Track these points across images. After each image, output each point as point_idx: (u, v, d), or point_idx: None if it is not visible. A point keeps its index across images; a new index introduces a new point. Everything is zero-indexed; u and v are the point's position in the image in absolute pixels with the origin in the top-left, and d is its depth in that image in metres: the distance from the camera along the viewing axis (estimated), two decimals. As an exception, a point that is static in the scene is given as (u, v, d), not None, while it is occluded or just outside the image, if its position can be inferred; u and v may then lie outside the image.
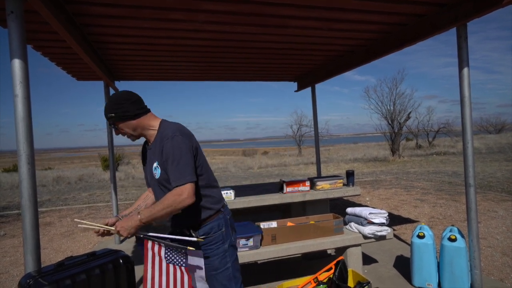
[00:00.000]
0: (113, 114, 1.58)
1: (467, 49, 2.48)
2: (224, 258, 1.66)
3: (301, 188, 3.34)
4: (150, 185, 1.74)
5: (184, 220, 1.67)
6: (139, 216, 1.51)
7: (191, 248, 1.49)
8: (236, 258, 1.73)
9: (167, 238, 1.60)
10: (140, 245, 1.57)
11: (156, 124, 1.65)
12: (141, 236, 1.57)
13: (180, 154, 1.50)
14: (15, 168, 19.28)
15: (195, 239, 1.56)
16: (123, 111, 1.58)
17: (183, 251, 1.50)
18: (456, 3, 2.48)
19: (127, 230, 1.51)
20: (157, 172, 1.59)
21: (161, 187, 1.62)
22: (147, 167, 1.71)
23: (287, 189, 3.30)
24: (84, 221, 1.62)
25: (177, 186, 1.47)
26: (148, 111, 1.67)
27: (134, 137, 1.68)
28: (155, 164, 1.60)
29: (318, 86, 5.35)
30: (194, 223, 1.65)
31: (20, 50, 1.62)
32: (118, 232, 1.52)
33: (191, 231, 1.66)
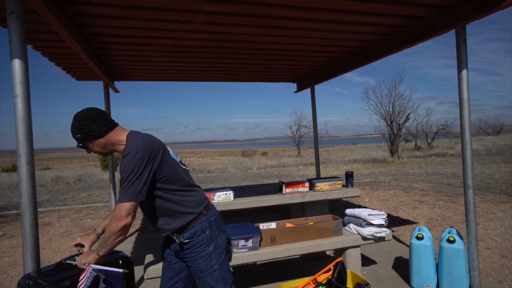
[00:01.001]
0: (79, 135, 1.57)
1: (466, 51, 2.49)
2: (210, 261, 1.66)
3: (300, 189, 3.34)
4: None
5: (168, 227, 1.67)
6: (95, 251, 1.57)
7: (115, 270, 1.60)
8: (225, 259, 1.73)
9: (105, 270, 1.60)
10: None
11: (124, 138, 1.60)
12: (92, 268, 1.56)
13: (128, 173, 1.46)
14: (14, 168, 19.24)
15: (121, 270, 1.63)
16: (88, 131, 1.56)
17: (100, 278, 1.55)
18: (455, 5, 2.49)
19: (85, 265, 1.55)
20: None
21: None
22: None
23: (286, 190, 3.30)
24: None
25: (118, 204, 1.48)
26: (115, 125, 1.64)
27: (104, 155, 1.68)
28: None
29: (317, 87, 5.36)
30: (178, 229, 1.65)
31: (20, 50, 1.63)
32: (78, 266, 1.57)
33: (175, 235, 1.68)
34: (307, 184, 3.37)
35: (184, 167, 1.74)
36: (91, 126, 1.56)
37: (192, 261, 1.68)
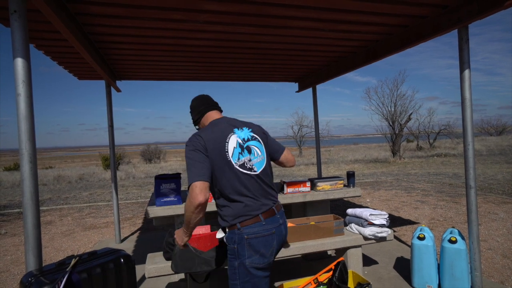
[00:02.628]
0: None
1: (468, 50, 2.48)
2: (234, 274, 1.60)
3: (302, 188, 3.34)
4: None
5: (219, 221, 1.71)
6: (183, 227, 1.63)
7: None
8: (249, 282, 1.56)
9: None
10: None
11: (207, 124, 1.76)
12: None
13: (187, 160, 1.56)
14: (16, 167, 19.30)
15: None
16: (192, 118, 1.84)
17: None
18: (458, 5, 2.48)
19: (178, 240, 1.69)
20: None
21: None
22: None
23: (287, 189, 3.30)
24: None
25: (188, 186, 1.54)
26: (206, 111, 1.78)
27: None
28: None
29: (319, 87, 5.38)
30: (222, 227, 1.70)
31: (22, 49, 1.63)
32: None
33: (221, 229, 1.74)
34: (308, 184, 3.37)
35: (244, 171, 1.62)
36: (192, 115, 1.83)
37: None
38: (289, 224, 2.95)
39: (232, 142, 1.63)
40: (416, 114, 19.23)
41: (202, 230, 2.51)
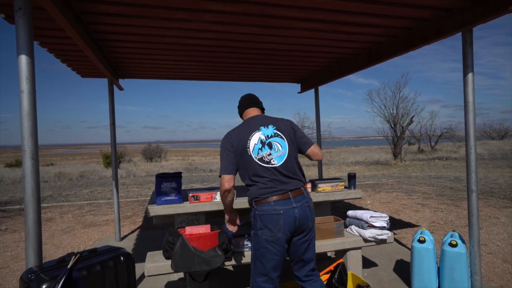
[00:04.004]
0: None
1: (472, 54, 2.47)
2: (251, 241, 2.01)
3: None
4: None
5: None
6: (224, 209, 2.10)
7: None
8: (259, 250, 1.91)
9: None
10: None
11: (244, 120, 2.13)
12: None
13: (221, 149, 1.98)
14: (17, 163, 19.36)
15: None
16: (238, 112, 2.21)
17: None
18: (462, 8, 2.48)
19: (226, 222, 2.19)
20: None
21: None
22: None
23: None
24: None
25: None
26: (246, 108, 2.14)
27: None
28: None
29: (321, 88, 5.35)
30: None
31: (27, 46, 1.63)
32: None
33: None
34: (309, 185, 3.37)
35: (262, 164, 1.94)
36: (238, 110, 2.20)
37: None
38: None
39: (254, 139, 1.97)
40: (418, 117, 19.24)
41: (202, 229, 2.52)
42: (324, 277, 2.54)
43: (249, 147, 1.94)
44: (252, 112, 2.12)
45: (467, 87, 2.48)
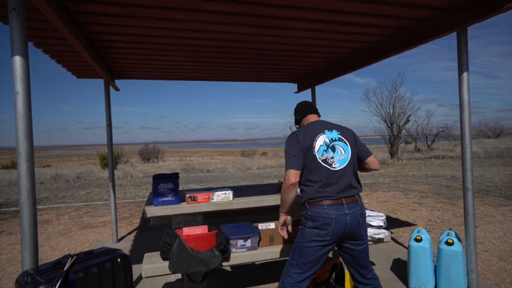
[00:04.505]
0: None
1: (467, 53, 2.49)
2: (298, 236, 2.04)
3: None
4: None
5: None
6: (279, 210, 2.10)
7: None
8: (301, 244, 1.99)
9: None
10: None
11: (304, 125, 2.20)
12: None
13: (287, 149, 2.04)
14: (13, 165, 19.23)
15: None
16: (295, 118, 2.32)
17: None
18: (458, 7, 2.49)
19: (280, 220, 2.13)
20: None
21: None
22: None
23: None
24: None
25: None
26: (308, 114, 2.24)
27: None
28: None
29: (318, 88, 5.36)
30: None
31: (21, 47, 1.62)
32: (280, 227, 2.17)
33: None
34: None
35: (325, 164, 2.00)
36: (295, 115, 2.31)
37: None
38: (287, 225, 2.95)
39: (320, 140, 2.03)
40: (414, 116, 19.31)
41: (199, 230, 2.51)
42: (322, 277, 2.55)
43: (314, 147, 2.01)
44: (313, 117, 2.23)
45: (462, 86, 2.49)
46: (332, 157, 2.00)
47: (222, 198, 3.05)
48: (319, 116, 2.29)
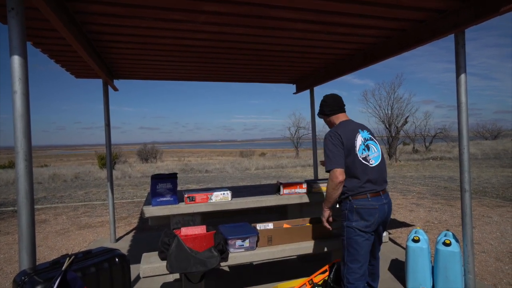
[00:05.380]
0: (319, 109, 2.44)
1: (464, 55, 2.50)
2: (342, 231, 2.21)
3: (298, 190, 3.35)
4: None
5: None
6: (323, 205, 2.26)
7: None
8: (352, 239, 2.14)
9: None
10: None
11: (337, 123, 2.34)
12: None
13: (326, 149, 2.17)
14: (10, 165, 19.16)
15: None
16: (321, 109, 2.41)
17: None
18: (455, 10, 2.51)
19: (322, 219, 2.29)
20: None
21: None
22: None
23: (284, 191, 3.30)
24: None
25: (328, 171, 2.14)
26: (336, 113, 2.35)
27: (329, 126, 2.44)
28: None
29: (316, 89, 5.37)
30: (339, 198, 2.23)
31: (20, 47, 1.62)
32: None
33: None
34: (305, 185, 3.38)
35: (365, 162, 2.18)
36: (324, 107, 2.39)
37: None
38: (285, 225, 2.96)
39: (359, 140, 2.21)
40: (412, 117, 19.38)
41: (197, 230, 2.51)
42: (320, 277, 2.55)
43: (355, 146, 2.18)
44: (344, 117, 2.37)
45: (460, 87, 2.51)
46: (369, 155, 2.21)
47: (221, 199, 3.06)
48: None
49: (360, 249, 2.13)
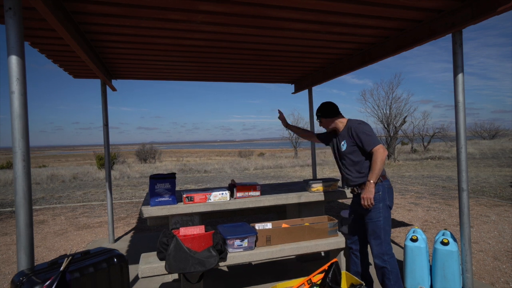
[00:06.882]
0: (319, 114, 2.65)
1: (462, 55, 2.51)
2: (378, 213, 2.39)
3: (252, 193, 3.17)
4: (336, 155, 2.70)
5: (358, 180, 2.50)
6: (371, 181, 2.35)
7: None
8: (389, 217, 2.43)
9: None
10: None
11: (345, 121, 2.62)
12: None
13: (367, 131, 2.41)
14: (8, 165, 19.09)
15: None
16: (328, 112, 2.63)
17: None
18: (453, 9, 2.52)
19: (370, 196, 2.37)
20: (343, 147, 2.54)
21: (346, 155, 2.53)
22: (334, 145, 2.69)
23: (237, 194, 3.14)
24: None
25: (374, 148, 2.34)
26: (339, 116, 2.63)
27: (329, 129, 2.71)
28: (343, 142, 2.55)
29: (315, 89, 5.38)
30: (362, 183, 2.47)
31: (17, 46, 1.62)
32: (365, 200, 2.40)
33: (356, 188, 2.55)
34: (258, 188, 3.24)
35: None
36: (327, 110, 2.63)
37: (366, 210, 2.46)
38: (284, 225, 2.96)
39: None
40: (411, 117, 19.47)
41: (196, 230, 2.51)
42: (318, 277, 2.56)
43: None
44: (344, 119, 2.67)
45: (457, 87, 2.52)
46: None
47: (219, 199, 3.06)
48: None
49: (390, 225, 2.45)
